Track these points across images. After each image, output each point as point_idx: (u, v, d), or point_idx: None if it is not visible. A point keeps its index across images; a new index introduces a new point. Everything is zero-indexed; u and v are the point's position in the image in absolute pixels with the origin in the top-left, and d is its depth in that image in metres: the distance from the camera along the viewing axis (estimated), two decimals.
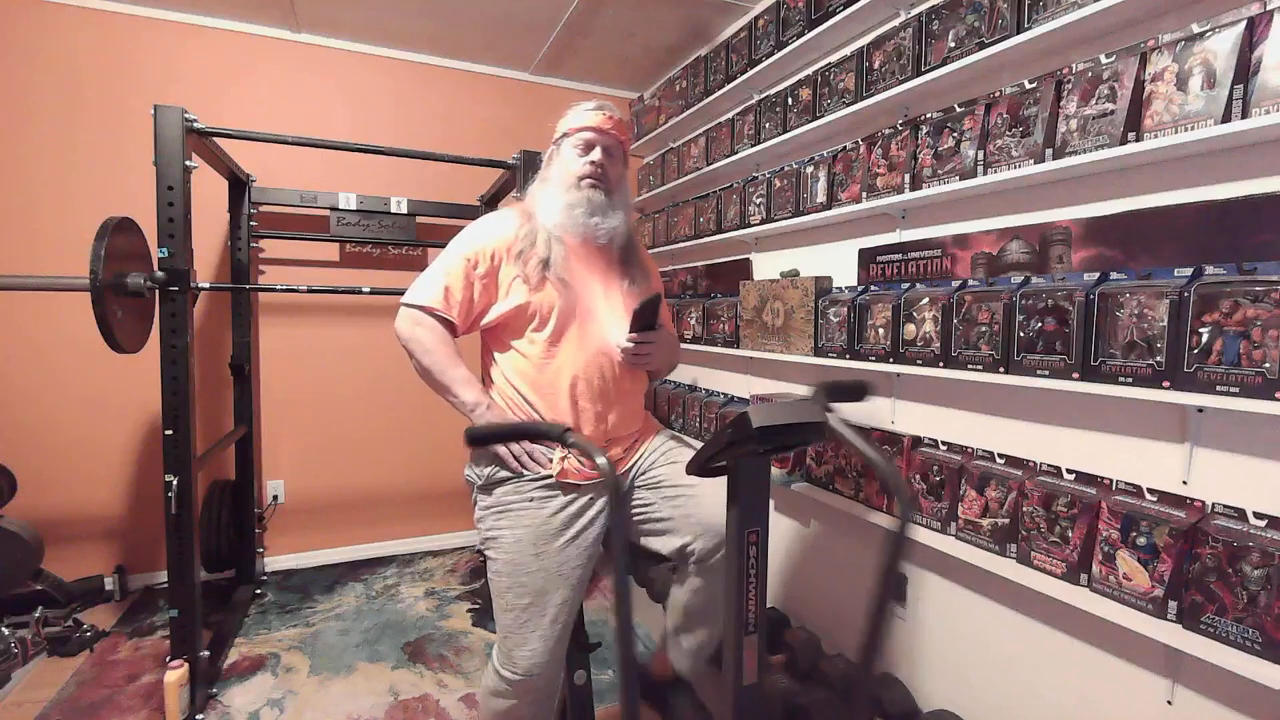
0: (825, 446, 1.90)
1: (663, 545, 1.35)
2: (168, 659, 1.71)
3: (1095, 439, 1.31)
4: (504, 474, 1.28)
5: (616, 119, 1.37)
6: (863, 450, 0.82)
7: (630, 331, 1.31)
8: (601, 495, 1.30)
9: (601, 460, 0.83)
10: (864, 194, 1.78)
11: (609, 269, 1.40)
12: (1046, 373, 1.26)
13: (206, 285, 2.20)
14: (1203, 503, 1.11)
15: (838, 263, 2.01)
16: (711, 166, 2.55)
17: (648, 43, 2.81)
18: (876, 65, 1.74)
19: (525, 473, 1.27)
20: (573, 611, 1.28)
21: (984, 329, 1.39)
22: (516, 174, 2.28)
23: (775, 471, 2.04)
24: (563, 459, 1.28)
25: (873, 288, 1.79)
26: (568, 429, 0.96)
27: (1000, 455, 1.46)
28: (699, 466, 0.95)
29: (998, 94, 1.44)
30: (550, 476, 1.27)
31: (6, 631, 1.99)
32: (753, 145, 2.28)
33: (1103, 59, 1.22)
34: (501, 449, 1.26)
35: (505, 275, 1.30)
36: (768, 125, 2.22)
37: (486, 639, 2.23)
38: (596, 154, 1.34)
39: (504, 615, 1.25)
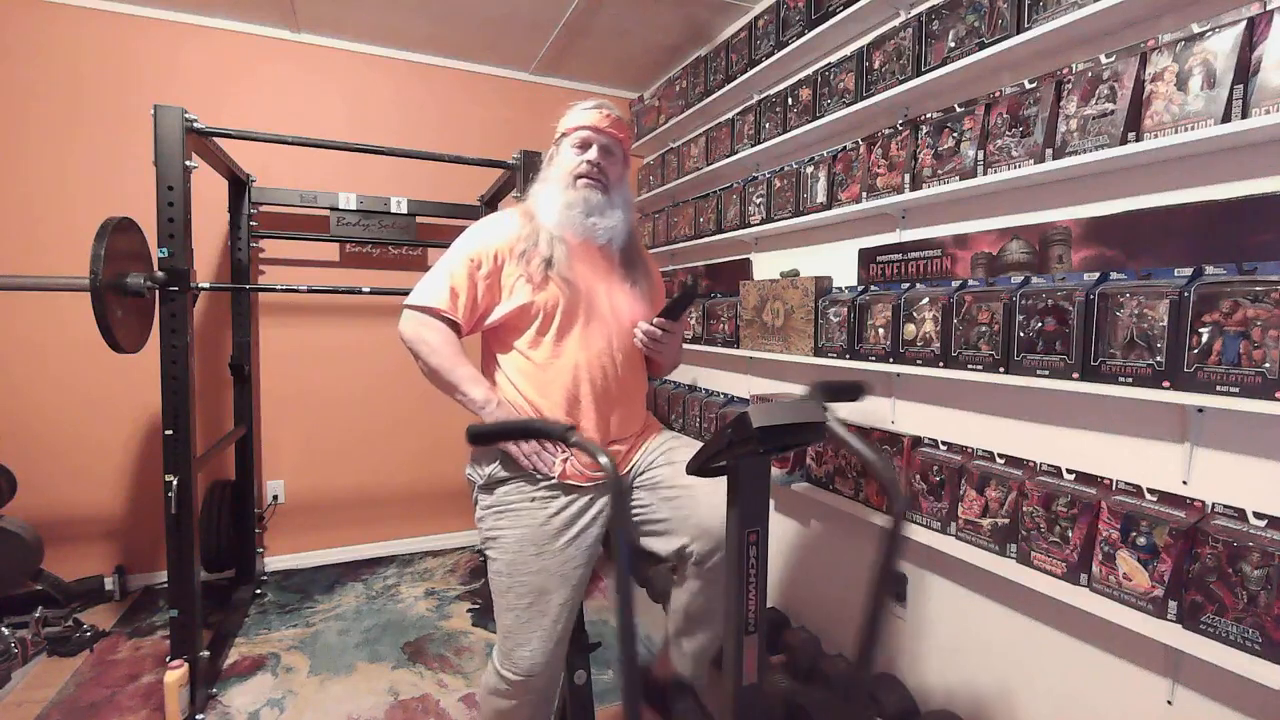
0: (825, 446, 1.90)
1: (661, 546, 1.34)
2: (168, 659, 1.71)
3: (1095, 439, 1.31)
4: (505, 473, 1.28)
5: (615, 118, 1.37)
6: (860, 452, 0.81)
7: (659, 316, 1.33)
8: (602, 495, 1.30)
9: (604, 460, 0.82)
10: (864, 194, 1.78)
11: (610, 269, 1.40)
12: (1046, 373, 1.26)
13: (206, 285, 2.20)
14: (1203, 503, 1.11)
15: (838, 263, 2.01)
16: (711, 166, 2.55)
17: (648, 43, 2.81)
18: (876, 65, 1.74)
19: (537, 474, 1.26)
20: (573, 612, 1.28)
21: (984, 329, 1.39)
22: (516, 174, 2.28)
23: (775, 471, 2.04)
24: (564, 460, 1.28)
25: (873, 288, 1.79)
26: (570, 427, 0.94)
27: (1000, 455, 1.46)
28: (699, 466, 0.95)
29: (998, 94, 1.44)
30: (552, 478, 1.27)
31: (6, 631, 1.99)
32: (753, 145, 2.28)
33: (1103, 59, 1.22)
34: (513, 448, 1.26)
35: (508, 275, 1.30)
36: (768, 125, 2.22)
37: (487, 639, 2.23)
38: (593, 153, 1.34)
39: (505, 615, 1.25)
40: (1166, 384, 1.08)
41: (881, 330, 1.67)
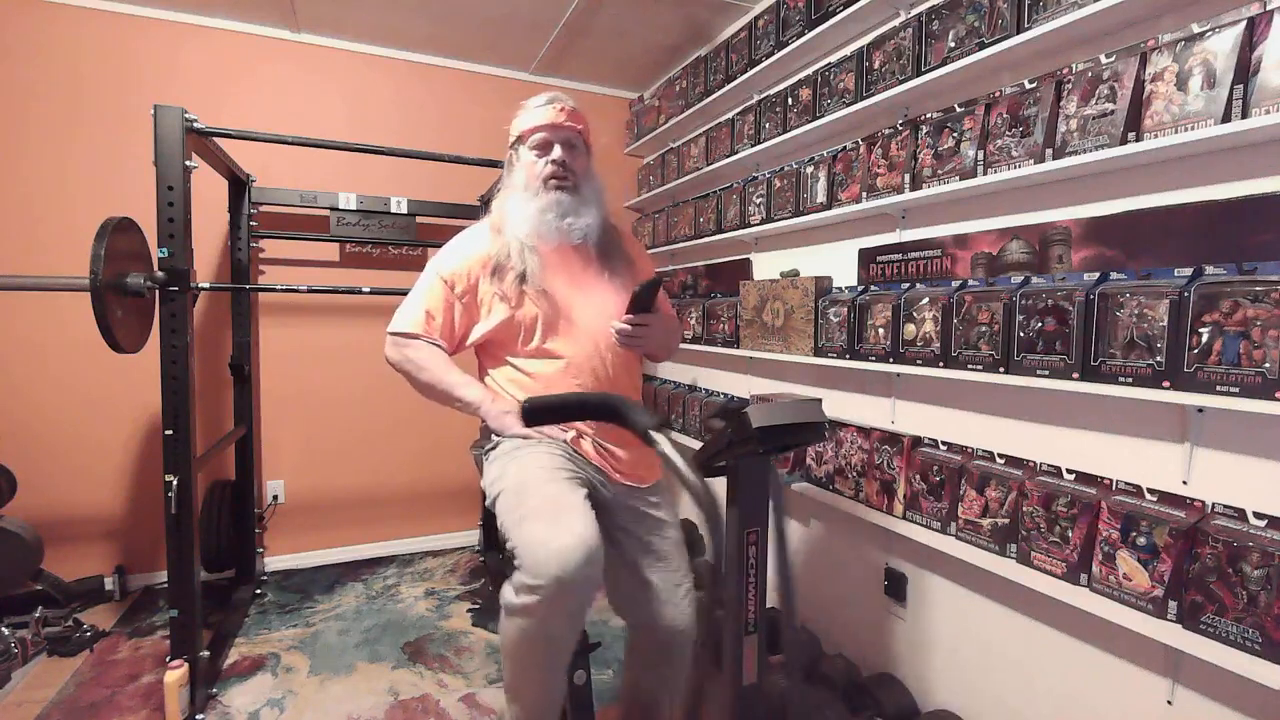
0: (825, 446, 1.90)
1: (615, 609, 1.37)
2: (168, 659, 1.71)
3: (1095, 439, 1.31)
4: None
5: (570, 109, 1.34)
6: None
7: (627, 313, 1.30)
8: (608, 489, 1.31)
9: (693, 481, 0.74)
10: (864, 194, 1.78)
11: (588, 266, 1.38)
12: (1046, 373, 1.26)
13: (206, 285, 2.20)
14: (1203, 503, 1.11)
15: (838, 263, 2.01)
16: (711, 166, 2.55)
17: (648, 43, 2.81)
18: (876, 65, 1.74)
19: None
20: (595, 529, 1.09)
21: (984, 329, 1.39)
22: None
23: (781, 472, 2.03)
24: (578, 435, 1.29)
25: (873, 288, 1.79)
26: (664, 422, 0.83)
27: (1000, 455, 1.46)
28: (699, 466, 0.95)
29: (998, 94, 1.44)
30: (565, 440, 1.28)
31: (6, 631, 1.99)
32: (753, 145, 2.28)
33: (1103, 59, 1.22)
34: (521, 428, 1.26)
35: (484, 293, 1.30)
36: (768, 125, 2.22)
37: (487, 639, 2.23)
38: (556, 152, 1.32)
39: (524, 525, 1.09)
40: (1166, 384, 1.08)
41: (881, 330, 1.67)
